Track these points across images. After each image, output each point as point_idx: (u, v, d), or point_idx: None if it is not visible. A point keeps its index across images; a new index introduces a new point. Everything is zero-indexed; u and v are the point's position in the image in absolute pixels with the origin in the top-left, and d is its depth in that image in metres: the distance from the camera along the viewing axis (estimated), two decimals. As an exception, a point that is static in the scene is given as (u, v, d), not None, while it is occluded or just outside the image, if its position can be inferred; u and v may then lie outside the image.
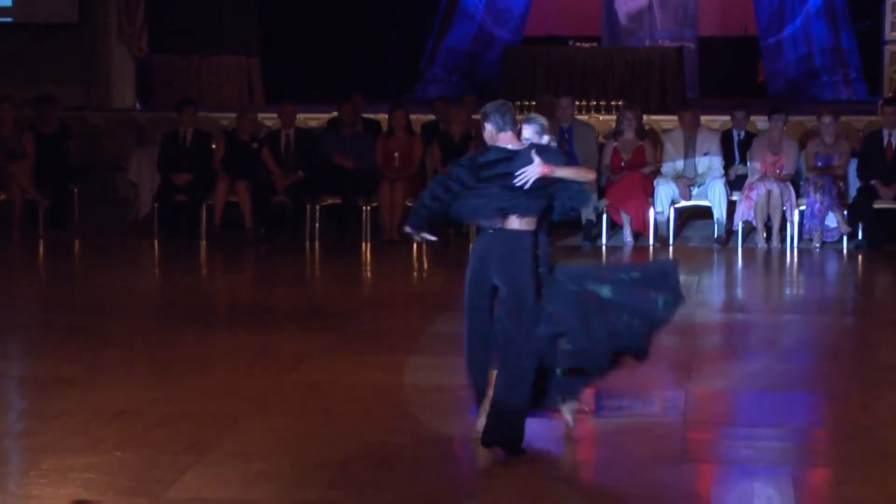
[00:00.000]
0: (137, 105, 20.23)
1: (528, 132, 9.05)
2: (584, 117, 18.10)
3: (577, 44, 21.35)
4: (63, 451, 8.94)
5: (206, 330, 12.71)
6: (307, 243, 16.77)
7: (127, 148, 18.54)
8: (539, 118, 9.20)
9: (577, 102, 17.96)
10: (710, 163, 16.76)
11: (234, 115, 18.05)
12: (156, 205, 17.14)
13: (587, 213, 16.47)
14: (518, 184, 8.65)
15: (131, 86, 20.49)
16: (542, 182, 8.75)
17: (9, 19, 20.06)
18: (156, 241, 16.83)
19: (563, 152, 16.41)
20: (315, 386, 10.55)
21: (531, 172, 8.66)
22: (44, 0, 20.00)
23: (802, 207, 16.43)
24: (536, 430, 9.37)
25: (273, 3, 22.15)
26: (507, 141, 8.86)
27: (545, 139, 9.07)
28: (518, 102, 19.33)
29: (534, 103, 18.50)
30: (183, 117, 17.26)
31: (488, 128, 8.90)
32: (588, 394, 9.62)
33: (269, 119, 18.08)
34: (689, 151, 16.79)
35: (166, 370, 11.18)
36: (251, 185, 16.85)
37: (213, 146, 17.25)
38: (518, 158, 8.74)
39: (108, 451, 8.99)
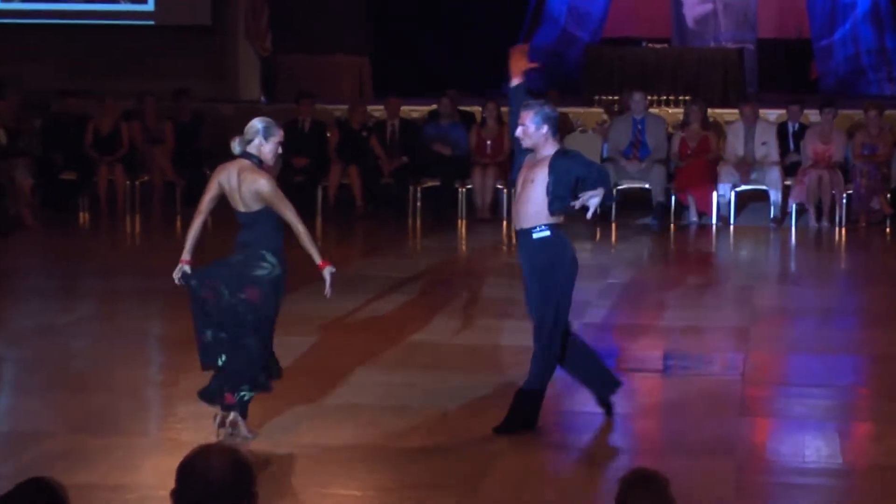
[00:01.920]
0: (262, 97, 20.30)
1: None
2: (655, 110, 17.98)
3: (650, 44, 21.22)
4: (197, 400, 9.00)
5: (322, 295, 12.74)
6: (409, 220, 16.78)
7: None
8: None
9: (649, 97, 17.85)
10: (767, 151, 16.63)
11: (346, 106, 18.08)
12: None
13: (657, 196, 16.40)
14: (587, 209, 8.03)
15: (256, 80, 20.56)
16: None
17: (151, 22, 20.20)
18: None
19: (636, 142, 16.53)
20: (418, 345, 10.57)
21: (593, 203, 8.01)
22: (181, 6, 20.12)
23: (850, 191, 16.28)
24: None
25: (382, 9, 22.17)
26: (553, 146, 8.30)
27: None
28: (597, 97, 19.27)
29: (615, 98, 18.41)
30: (301, 108, 17.34)
31: (545, 130, 8.18)
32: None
33: (377, 111, 18.09)
34: (748, 141, 16.67)
35: (286, 330, 11.22)
36: (361, 168, 16.90)
37: (328, 134, 17.30)
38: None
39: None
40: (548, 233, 8.23)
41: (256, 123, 8.21)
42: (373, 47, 22.01)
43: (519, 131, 8.25)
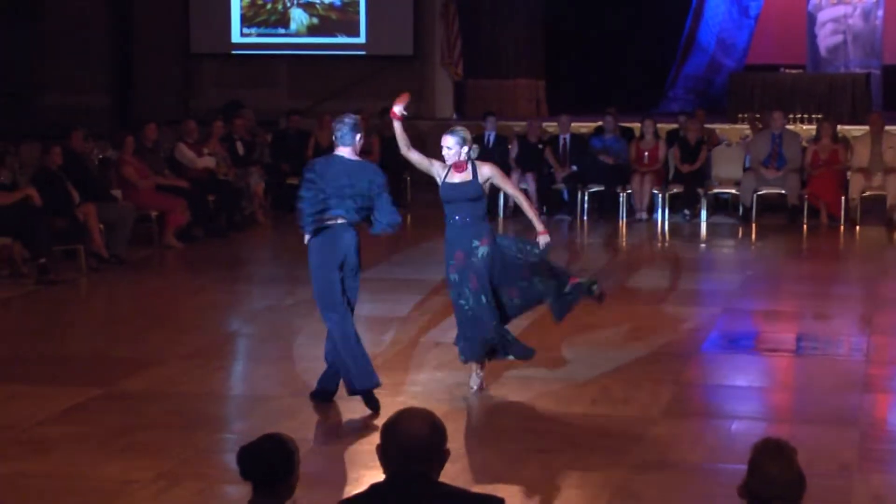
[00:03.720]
0: (454, 115, 20.41)
1: (450, 142, 8.27)
2: (791, 126, 17.66)
3: (787, 70, 20.88)
4: (398, 370, 9.11)
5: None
6: (577, 219, 16.73)
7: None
8: (459, 130, 8.37)
9: (787, 115, 17.56)
10: (892, 160, 16.22)
11: (524, 123, 18.08)
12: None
13: (792, 200, 16.13)
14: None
15: (450, 101, 20.67)
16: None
17: (363, 53, 20.45)
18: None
19: (774, 154, 16.22)
20: (584, 326, 10.52)
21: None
22: (388, 38, 20.31)
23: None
24: (743, 364, 9.22)
25: (555, 40, 22.13)
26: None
27: (464, 150, 8.20)
28: (741, 115, 19.00)
29: (758, 115, 18.11)
30: (486, 124, 17.40)
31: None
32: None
33: (551, 126, 18.04)
34: (874, 152, 16.27)
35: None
36: (537, 175, 16.89)
37: (509, 146, 17.31)
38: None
39: (429, 371, 9.13)
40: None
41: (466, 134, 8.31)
42: (547, 72, 22.01)
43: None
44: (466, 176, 8.26)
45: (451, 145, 8.27)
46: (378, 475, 3.86)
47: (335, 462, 7.12)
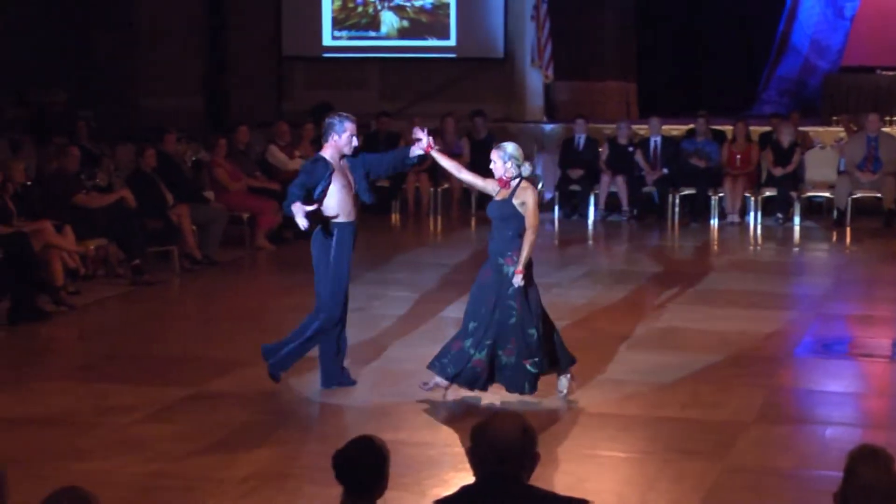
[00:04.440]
0: (544, 118, 20.35)
1: (495, 156, 8.27)
2: (887, 129, 17.38)
3: (883, 72, 20.55)
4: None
5: (590, 284, 12.71)
6: (668, 222, 16.60)
7: (534, 150, 18.70)
8: (508, 146, 8.32)
9: (883, 118, 17.28)
10: None
11: (615, 125, 17.98)
12: (556, 192, 17.22)
13: (888, 203, 15.87)
14: None
15: (540, 104, 20.61)
16: None
17: (453, 55, 20.46)
18: (556, 220, 16.92)
19: (870, 157, 15.99)
20: (672, 330, 10.47)
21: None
22: (478, 41, 20.30)
23: None
24: (837, 369, 9.10)
25: (646, 43, 22.00)
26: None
27: (507, 166, 8.17)
28: (835, 118, 18.72)
29: (852, 118, 17.84)
30: (576, 127, 17.34)
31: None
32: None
33: (642, 129, 17.93)
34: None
35: (555, 314, 11.25)
36: (627, 178, 16.79)
37: (600, 149, 17.23)
38: None
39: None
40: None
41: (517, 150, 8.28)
42: (639, 74, 21.88)
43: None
44: (505, 194, 8.25)
45: (495, 159, 8.31)
46: (467, 477, 3.85)
47: (425, 464, 7.12)
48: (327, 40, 20.76)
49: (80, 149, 13.65)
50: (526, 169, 8.28)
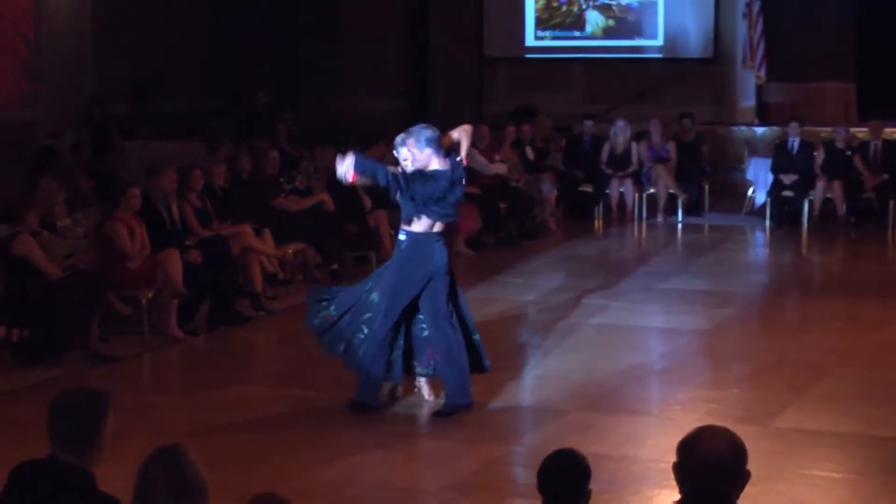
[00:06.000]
0: (755, 121, 20.04)
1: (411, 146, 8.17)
2: None
3: None
4: (693, 386, 9.02)
5: (803, 296, 12.49)
6: (889, 232, 16.14)
7: (745, 153, 18.42)
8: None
9: None
10: None
11: (831, 129, 17.59)
12: (768, 199, 16.92)
13: None
14: None
15: (752, 106, 20.32)
16: None
17: (660, 55, 20.31)
18: (767, 227, 16.62)
19: None
20: (890, 345, 10.19)
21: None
22: (687, 41, 20.12)
23: None
24: None
25: (868, 41, 21.45)
26: None
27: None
28: None
29: None
30: (790, 130, 17.02)
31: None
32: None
33: (860, 132, 17.49)
34: None
35: (771, 326, 11.08)
36: (844, 184, 16.41)
37: (815, 153, 16.87)
38: None
39: (726, 387, 9.01)
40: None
41: None
42: (858, 74, 21.34)
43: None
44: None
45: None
46: (673, 494, 3.83)
47: (628, 479, 7.08)
48: (530, 40, 20.83)
49: (279, 152, 13.98)
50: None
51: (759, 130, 19.31)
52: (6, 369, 9.51)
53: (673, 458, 3.79)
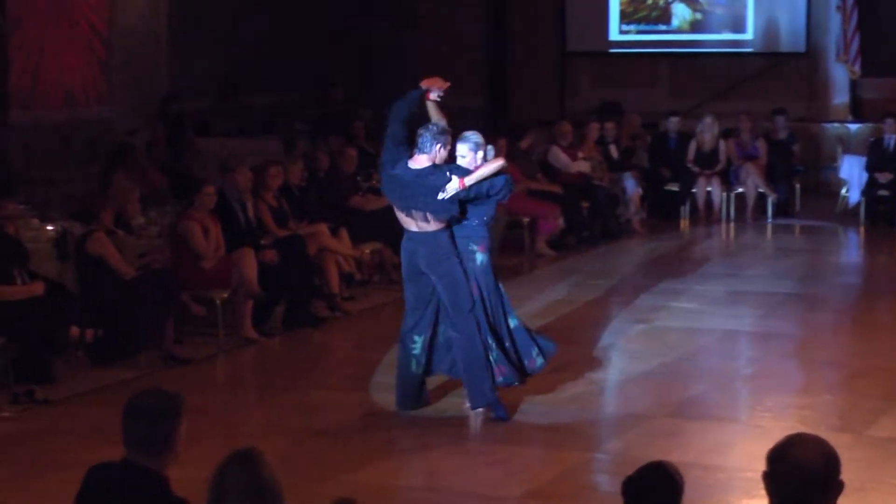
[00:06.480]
0: (849, 117, 19.81)
1: (463, 149, 8.35)
2: None
3: None
4: (783, 392, 8.93)
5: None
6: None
7: (838, 151, 18.21)
8: (472, 135, 8.40)
9: None
10: None
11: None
12: (862, 198, 16.71)
13: None
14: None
15: (845, 101, 20.09)
16: None
17: (750, 50, 20.15)
18: (861, 228, 16.42)
19: None
20: None
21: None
22: (778, 35, 19.94)
23: None
24: None
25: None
26: None
27: (479, 154, 8.31)
28: None
29: None
30: (885, 127, 16.80)
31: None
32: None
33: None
34: None
35: (865, 331, 10.93)
36: (943, 183, 16.19)
37: (914, 151, 16.66)
38: None
39: (818, 394, 8.92)
40: None
41: None
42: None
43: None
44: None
45: (464, 153, 8.40)
46: (762, 503, 3.78)
47: (715, 488, 7.01)
48: (614, 35, 20.74)
49: (357, 149, 14.02)
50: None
51: (853, 127, 19.09)
52: (81, 371, 9.61)
53: (762, 467, 3.74)
